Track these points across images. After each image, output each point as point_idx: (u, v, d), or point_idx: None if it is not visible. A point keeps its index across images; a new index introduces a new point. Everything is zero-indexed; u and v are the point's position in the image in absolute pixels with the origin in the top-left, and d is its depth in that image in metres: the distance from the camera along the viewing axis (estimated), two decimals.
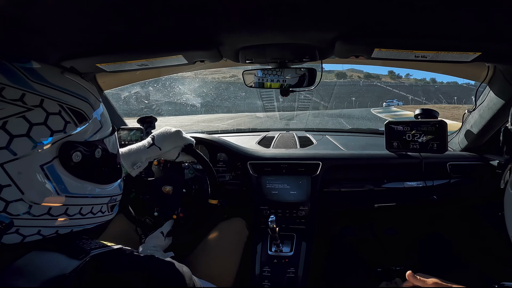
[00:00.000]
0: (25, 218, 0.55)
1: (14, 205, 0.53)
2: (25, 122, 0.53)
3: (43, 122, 0.55)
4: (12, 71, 0.55)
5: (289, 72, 1.29)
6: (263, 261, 1.45)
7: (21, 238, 0.56)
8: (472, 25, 0.84)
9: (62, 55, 1.05)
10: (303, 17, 0.84)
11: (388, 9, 0.77)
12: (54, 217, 0.59)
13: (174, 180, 1.40)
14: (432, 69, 1.70)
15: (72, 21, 0.79)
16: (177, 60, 1.13)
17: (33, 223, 0.57)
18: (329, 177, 1.68)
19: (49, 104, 0.56)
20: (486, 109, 1.47)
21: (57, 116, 0.57)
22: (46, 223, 0.59)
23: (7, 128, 0.51)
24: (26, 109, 0.53)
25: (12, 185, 0.52)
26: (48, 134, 0.55)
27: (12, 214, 0.54)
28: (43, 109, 0.55)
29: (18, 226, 0.55)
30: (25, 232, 0.56)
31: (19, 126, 0.52)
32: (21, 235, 0.56)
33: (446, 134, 1.50)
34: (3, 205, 0.53)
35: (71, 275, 0.53)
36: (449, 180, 1.64)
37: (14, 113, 0.52)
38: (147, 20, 0.81)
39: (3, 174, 0.51)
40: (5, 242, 0.55)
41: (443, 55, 1.03)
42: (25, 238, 0.57)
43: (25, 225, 0.56)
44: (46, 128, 0.55)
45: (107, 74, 1.43)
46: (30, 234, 0.57)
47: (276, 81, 1.32)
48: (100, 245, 0.65)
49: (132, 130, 1.80)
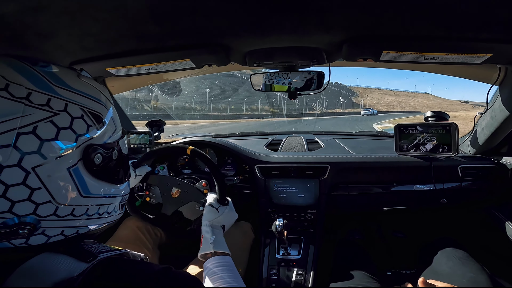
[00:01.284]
0: (51, 219, 0.57)
1: (43, 207, 0.55)
2: (53, 127, 0.54)
3: (68, 126, 0.56)
4: (35, 76, 0.56)
5: (297, 75, 1.29)
6: (270, 264, 1.45)
7: (46, 239, 0.58)
8: (482, 26, 0.83)
9: (72, 60, 1.07)
10: (310, 20, 0.83)
11: (396, 11, 0.77)
12: (77, 217, 0.61)
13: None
14: (442, 71, 1.68)
15: (82, 26, 0.80)
16: (185, 64, 1.14)
17: (58, 224, 0.58)
18: (337, 181, 1.66)
19: (73, 108, 0.58)
20: (498, 111, 1.44)
21: (80, 120, 0.59)
22: (69, 224, 0.60)
23: (37, 133, 0.52)
24: (53, 114, 0.54)
25: (42, 188, 0.54)
26: (73, 138, 0.57)
27: (40, 216, 0.55)
28: (68, 114, 0.57)
29: (45, 227, 0.56)
30: (50, 233, 0.58)
31: (48, 130, 0.54)
32: (46, 235, 0.57)
33: (457, 137, 1.48)
34: (33, 208, 0.54)
35: (79, 277, 0.53)
36: (460, 183, 1.62)
37: (42, 118, 0.53)
38: (155, 24, 0.82)
39: (34, 178, 0.53)
40: (32, 243, 0.56)
41: (453, 57, 1.02)
42: (49, 239, 0.58)
43: (50, 226, 0.57)
44: (72, 132, 0.57)
45: (116, 78, 1.45)
46: (55, 235, 0.59)
47: (284, 84, 1.31)
48: (108, 248, 0.65)
49: (141, 133, 1.82)
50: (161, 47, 1.01)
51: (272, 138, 2.33)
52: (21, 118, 0.51)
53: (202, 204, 1.30)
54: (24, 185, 0.52)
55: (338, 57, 1.16)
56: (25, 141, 0.51)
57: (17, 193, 0.52)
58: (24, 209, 0.53)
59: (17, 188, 0.51)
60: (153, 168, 1.47)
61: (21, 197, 0.52)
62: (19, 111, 0.51)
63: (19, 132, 0.50)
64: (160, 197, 1.38)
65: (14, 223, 0.52)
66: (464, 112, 26.62)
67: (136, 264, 0.63)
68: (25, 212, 0.53)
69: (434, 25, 0.84)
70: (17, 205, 0.52)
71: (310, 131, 2.66)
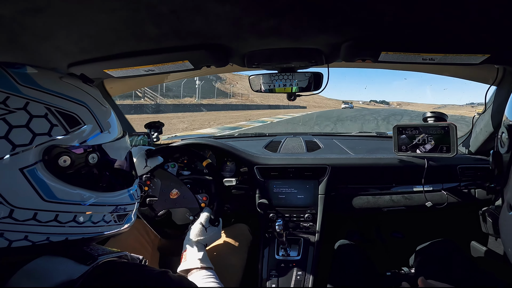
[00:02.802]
0: (7, 223, 0.53)
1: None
2: (4, 124, 0.52)
3: (24, 124, 0.54)
4: (3, 75, 0.55)
5: (296, 77, 1.29)
6: (270, 265, 1.45)
7: (7, 243, 0.54)
8: (480, 27, 0.83)
9: (70, 62, 1.07)
10: (309, 21, 0.83)
11: (394, 11, 0.77)
12: (42, 223, 0.57)
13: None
14: (440, 72, 1.68)
15: (80, 28, 0.80)
16: (184, 65, 1.14)
17: (18, 228, 0.55)
18: (336, 181, 1.66)
19: (34, 107, 0.55)
20: (496, 111, 1.45)
21: (42, 119, 0.56)
22: (33, 229, 0.56)
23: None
24: (8, 112, 0.52)
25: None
26: (29, 137, 0.54)
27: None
28: (26, 112, 0.54)
29: (3, 230, 0.54)
30: (10, 236, 0.55)
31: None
32: (7, 239, 0.54)
33: (456, 137, 1.48)
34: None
35: (78, 280, 0.53)
36: (459, 183, 1.62)
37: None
38: (154, 26, 0.82)
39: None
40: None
41: (451, 57, 1.02)
42: (12, 243, 0.55)
43: (9, 229, 0.54)
44: (28, 131, 0.54)
45: (115, 80, 1.45)
46: (17, 239, 0.55)
47: (283, 86, 1.31)
48: (107, 251, 0.65)
49: (140, 135, 1.81)
50: (159, 48, 1.01)
51: (271, 139, 2.33)
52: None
53: (194, 215, 1.31)
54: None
55: (337, 58, 1.16)
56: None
57: None
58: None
59: None
60: (164, 162, 1.47)
61: None
62: None
63: None
64: (158, 192, 1.39)
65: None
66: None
67: (135, 267, 0.63)
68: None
69: (432, 26, 0.84)
70: None
71: (309, 132, 2.66)
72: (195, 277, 0.98)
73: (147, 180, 1.41)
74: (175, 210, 1.36)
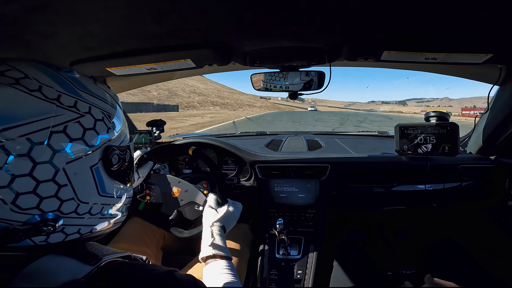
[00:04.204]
0: (72, 217, 0.58)
1: (67, 204, 0.57)
2: (80, 127, 0.57)
3: (92, 127, 0.60)
4: (62, 80, 0.59)
5: (298, 75, 1.29)
6: (270, 264, 1.45)
7: (63, 237, 0.59)
8: (483, 26, 0.83)
9: (73, 60, 1.07)
10: (311, 20, 0.83)
11: (397, 10, 0.76)
12: (93, 216, 0.63)
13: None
14: (443, 71, 1.68)
15: (84, 26, 0.80)
16: (186, 64, 1.14)
17: (76, 222, 0.60)
18: (337, 180, 1.66)
19: (95, 111, 0.61)
20: (499, 111, 1.44)
21: (101, 122, 0.62)
22: (86, 222, 0.62)
23: (67, 132, 0.55)
24: (80, 115, 0.57)
25: (68, 185, 0.56)
26: (96, 139, 0.60)
27: (63, 213, 0.57)
28: (91, 116, 0.60)
29: (65, 225, 0.58)
30: (68, 230, 0.59)
31: (76, 130, 0.57)
32: (65, 233, 0.59)
33: (458, 137, 1.48)
34: (58, 204, 0.56)
35: (83, 280, 0.53)
36: (461, 183, 1.62)
37: (71, 119, 0.56)
38: (156, 24, 0.82)
39: (62, 175, 0.55)
40: (51, 241, 0.57)
41: (454, 56, 1.02)
42: (67, 237, 0.59)
43: (70, 223, 0.59)
44: (95, 133, 0.60)
45: (117, 78, 1.45)
46: (72, 233, 0.60)
47: (284, 84, 1.31)
48: (112, 251, 0.65)
49: (142, 133, 1.82)
50: (161, 46, 1.01)
51: (272, 138, 2.34)
52: (54, 118, 0.53)
53: (202, 204, 1.30)
54: (54, 182, 0.54)
55: (339, 57, 1.16)
56: (56, 139, 0.54)
57: (46, 189, 0.54)
58: (50, 206, 0.55)
59: (47, 185, 0.53)
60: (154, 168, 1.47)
61: (49, 194, 0.54)
62: (52, 111, 0.53)
63: (52, 131, 0.53)
64: (160, 197, 1.38)
65: (37, 220, 0.54)
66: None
67: (140, 267, 0.63)
68: (50, 208, 0.55)
69: (435, 25, 0.84)
70: (44, 201, 0.54)
71: (310, 131, 2.66)
72: (209, 270, 0.96)
73: (146, 189, 1.40)
74: (183, 208, 1.35)
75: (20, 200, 0.51)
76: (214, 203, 1.21)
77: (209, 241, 1.04)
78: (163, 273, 0.63)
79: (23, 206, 0.52)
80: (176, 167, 1.80)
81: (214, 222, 1.13)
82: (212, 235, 1.07)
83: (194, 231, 1.30)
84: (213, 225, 1.12)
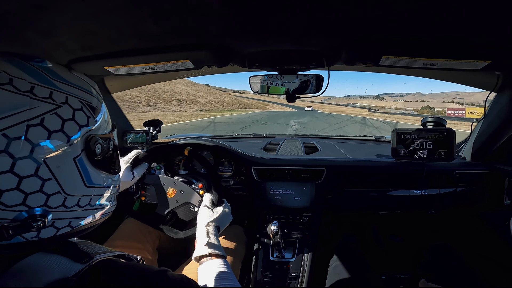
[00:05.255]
0: (60, 211, 0.58)
1: (53, 198, 0.56)
2: (58, 119, 0.56)
3: (71, 118, 0.58)
4: (34, 71, 0.57)
5: (296, 78, 1.29)
6: (264, 267, 1.45)
7: (55, 231, 0.58)
8: (482, 33, 0.83)
9: (71, 58, 1.06)
10: (310, 23, 0.83)
11: (396, 15, 0.77)
12: (81, 207, 0.62)
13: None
14: (441, 77, 1.69)
15: (83, 24, 0.80)
16: (185, 64, 1.14)
17: (65, 215, 0.59)
18: (333, 184, 1.67)
19: (73, 101, 0.59)
20: (495, 117, 1.45)
21: (80, 112, 0.60)
22: (75, 215, 0.61)
23: (45, 125, 0.53)
24: (57, 106, 0.56)
25: (52, 179, 0.55)
26: (77, 129, 0.59)
27: (50, 207, 0.56)
28: (69, 106, 0.58)
29: (54, 219, 0.57)
30: (59, 224, 0.58)
31: (54, 122, 0.55)
32: (56, 228, 0.58)
33: (454, 143, 1.49)
34: (44, 199, 0.55)
35: (73, 278, 0.52)
36: (456, 188, 1.62)
37: (48, 111, 0.54)
38: (155, 24, 0.82)
39: (45, 169, 0.54)
40: (42, 236, 0.56)
41: (452, 63, 1.02)
42: (58, 231, 0.58)
43: (59, 217, 0.58)
44: (75, 123, 0.59)
45: (115, 77, 1.45)
46: (63, 227, 0.59)
47: (282, 87, 1.31)
48: (104, 250, 0.65)
49: (138, 133, 1.81)
50: (160, 47, 1.01)
51: (269, 141, 2.34)
52: (29, 111, 0.52)
53: (197, 205, 1.29)
54: (36, 176, 0.53)
55: (338, 61, 1.16)
56: (34, 132, 0.52)
57: (30, 184, 0.53)
58: (36, 201, 0.54)
59: (29, 180, 0.52)
60: (149, 168, 1.46)
61: (34, 189, 0.53)
62: (26, 104, 0.52)
63: (28, 124, 0.51)
64: (155, 197, 1.37)
65: (25, 216, 0.53)
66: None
67: (131, 267, 0.63)
68: (37, 203, 0.54)
69: (434, 30, 0.84)
70: (30, 197, 0.53)
71: (307, 135, 2.67)
72: (204, 269, 0.95)
73: (141, 190, 1.40)
74: (179, 209, 1.34)
75: (5, 198, 0.50)
76: (210, 203, 1.20)
77: (204, 241, 1.03)
78: (154, 273, 0.63)
79: (9, 203, 0.51)
80: (173, 168, 1.80)
81: (209, 222, 1.12)
82: (208, 234, 1.06)
83: (189, 232, 1.30)
84: (209, 225, 1.11)
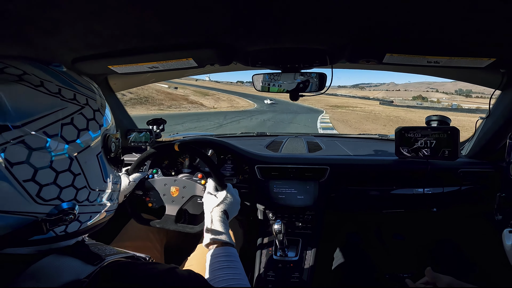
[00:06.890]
0: (85, 205, 0.62)
1: (81, 192, 0.60)
2: (83, 118, 0.60)
3: (93, 117, 0.63)
4: (57, 75, 0.61)
5: (299, 76, 1.29)
6: (267, 266, 1.44)
7: (79, 225, 0.62)
8: (486, 30, 0.82)
9: (75, 57, 1.07)
10: (314, 22, 0.83)
11: (400, 13, 0.76)
12: (100, 202, 0.67)
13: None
14: (445, 75, 1.68)
15: (87, 23, 0.80)
16: (188, 63, 1.14)
17: (88, 209, 0.63)
18: (336, 183, 1.66)
19: (92, 102, 0.64)
20: (500, 116, 1.44)
21: (98, 113, 0.65)
22: (96, 209, 0.66)
23: (74, 123, 0.58)
24: (81, 107, 0.60)
25: (81, 174, 0.60)
26: (97, 128, 0.64)
27: (78, 201, 0.60)
28: (90, 107, 0.62)
29: (80, 213, 0.61)
30: (82, 218, 0.62)
31: (81, 121, 0.60)
32: (80, 222, 0.62)
33: (458, 141, 1.48)
34: (74, 193, 0.59)
35: (85, 280, 0.53)
36: (460, 187, 1.61)
37: (75, 111, 0.59)
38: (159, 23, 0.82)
39: (76, 164, 0.58)
40: (69, 231, 0.60)
41: (457, 60, 1.02)
42: (81, 225, 0.63)
43: (83, 211, 0.62)
44: (96, 123, 0.63)
45: (119, 76, 1.45)
46: (85, 221, 0.63)
47: (286, 85, 1.31)
48: (115, 251, 0.66)
49: (142, 131, 1.82)
50: (164, 45, 1.01)
51: (272, 139, 2.34)
52: (62, 111, 0.56)
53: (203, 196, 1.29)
54: (70, 172, 0.57)
55: (341, 59, 1.16)
56: (67, 131, 0.57)
57: (65, 179, 0.57)
58: (69, 195, 0.58)
59: (65, 175, 0.57)
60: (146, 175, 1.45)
61: (67, 183, 0.57)
62: (57, 105, 0.56)
63: (62, 123, 0.56)
64: (161, 200, 1.37)
65: (61, 209, 0.57)
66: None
67: (142, 267, 0.63)
68: (69, 197, 0.58)
69: (438, 28, 0.84)
70: (64, 191, 0.57)
71: (311, 133, 2.66)
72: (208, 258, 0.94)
73: (146, 197, 1.39)
74: (187, 204, 1.33)
75: (44, 192, 0.54)
76: (213, 189, 1.18)
77: (207, 228, 1.03)
78: (164, 271, 0.63)
79: (46, 198, 0.55)
80: (176, 167, 1.80)
81: (214, 208, 1.10)
82: (212, 221, 1.06)
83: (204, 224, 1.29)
84: (213, 211, 1.10)
